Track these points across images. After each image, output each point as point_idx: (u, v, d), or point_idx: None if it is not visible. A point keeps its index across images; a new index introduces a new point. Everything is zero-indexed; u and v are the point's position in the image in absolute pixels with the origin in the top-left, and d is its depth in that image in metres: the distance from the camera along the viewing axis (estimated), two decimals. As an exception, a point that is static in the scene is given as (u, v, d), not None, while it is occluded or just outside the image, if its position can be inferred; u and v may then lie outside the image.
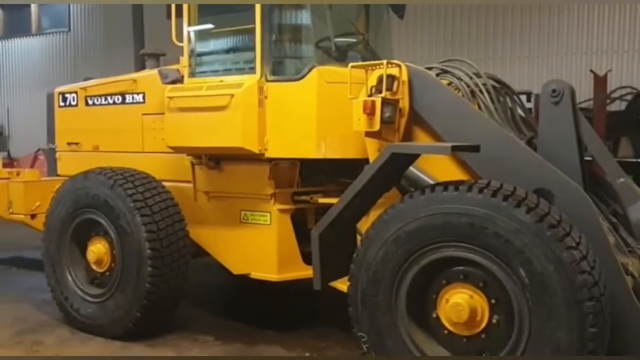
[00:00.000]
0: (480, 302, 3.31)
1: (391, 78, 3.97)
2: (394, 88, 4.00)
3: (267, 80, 4.46)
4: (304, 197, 4.75)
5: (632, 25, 7.37)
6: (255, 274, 4.77)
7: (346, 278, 3.77)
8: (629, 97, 7.11)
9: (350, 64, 4.07)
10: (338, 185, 4.70)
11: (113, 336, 4.72)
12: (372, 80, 4.04)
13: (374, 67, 4.06)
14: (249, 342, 4.75)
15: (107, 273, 4.90)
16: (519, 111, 4.67)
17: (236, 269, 4.88)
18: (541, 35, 7.81)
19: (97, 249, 4.90)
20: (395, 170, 3.89)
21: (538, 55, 7.80)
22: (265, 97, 4.45)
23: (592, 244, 3.28)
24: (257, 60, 4.47)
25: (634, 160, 7.00)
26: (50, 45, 16.61)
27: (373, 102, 3.86)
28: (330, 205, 4.02)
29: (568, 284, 2.99)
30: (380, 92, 3.91)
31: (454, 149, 3.47)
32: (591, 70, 6.79)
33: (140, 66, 5.83)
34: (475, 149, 3.62)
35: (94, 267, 4.97)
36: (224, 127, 4.46)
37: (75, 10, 16.02)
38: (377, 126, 3.90)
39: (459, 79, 4.30)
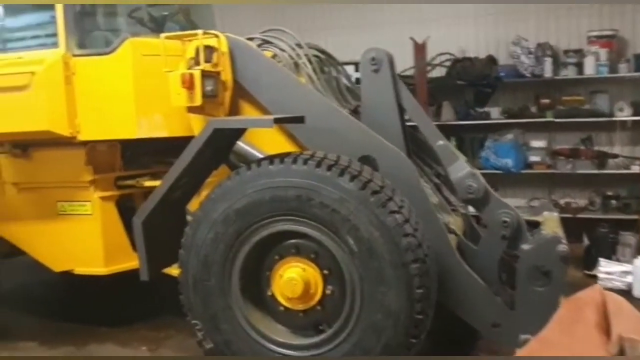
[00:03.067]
0: (313, 274, 3.27)
1: (209, 49, 3.74)
2: (214, 60, 3.79)
3: (74, 55, 4.02)
4: (129, 182, 4.41)
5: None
6: (80, 269, 4.36)
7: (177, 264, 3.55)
8: (448, 64, 7.50)
9: (163, 35, 3.78)
10: (166, 167, 4.41)
11: None
12: (190, 52, 3.79)
13: (190, 38, 3.81)
14: (79, 343, 4.37)
15: None
16: (344, 81, 4.70)
17: (57, 266, 4.43)
18: (364, 6, 7.96)
19: None
20: (221, 147, 3.71)
21: (364, 25, 7.95)
22: (73, 74, 4.01)
23: (415, 206, 3.36)
24: (61, 33, 4.01)
25: (455, 123, 7.44)
26: None
27: (191, 75, 3.62)
28: (159, 188, 3.75)
29: (393, 247, 3.04)
30: (199, 64, 3.68)
31: (277, 121, 3.36)
32: (411, 38, 7.04)
33: None
34: (299, 120, 3.54)
35: None
36: (27, 109, 3.96)
37: None
38: (198, 101, 3.67)
39: (282, 49, 4.19)
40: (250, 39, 4.20)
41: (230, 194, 3.31)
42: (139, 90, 4.00)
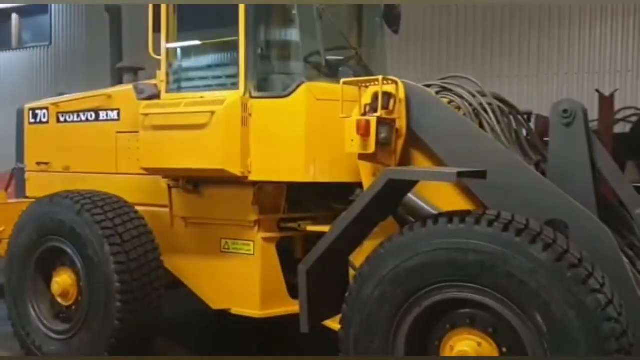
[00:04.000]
0: (490, 350, 2.90)
1: (387, 96, 3.59)
2: (390, 106, 3.63)
3: (252, 97, 4.09)
4: (290, 224, 4.34)
5: (636, 43, 7.06)
6: (237, 310, 4.35)
7: (338, 317, 3.36)
8: (633, 119, 6.80)
9: (343, 80, 3.70)
10: (328, 212, 4.31)
11: (77, 377, 4.28)
12: (367, 98, 3.67)
13: (368, 84, 3.69)
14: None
15: (73, 307, 4.47)
16: (525, 133, 4.32)
17: (215, 303, 4.46)
18: (540, 53, 7.50)
19: (63, 280, 4.48)
20: (392, 198, 3.50)
21: (537, 74, 7.48)
22: (249, 115, 4.07)
23: (614, 284, 2.90)
24: (241, 75, 4.10)
25: (640, 185, 6.65)
26: (31, 60, 16.10)
27: (367, 122, 3.49)
28: (320, 233, 3.63)
29: (593, 333, 2.60)
30: (376, 110, 3.54)
31: (460, 175, 3.08)
32: (597, 90, 6.48)
33: (118, 81, 5.43)
34: (482, 175, 3.24)
35: (59, 300, 4.54)
36: (203, 147, 4.08)
37: (57, 24, 15.57)
38: (372, 148, 3.52)
39: (461, 97, 3.94)
40: (428, 85, 4.01)
41: (401, 251, 3.07)
42: (310, 134, 3.97)
